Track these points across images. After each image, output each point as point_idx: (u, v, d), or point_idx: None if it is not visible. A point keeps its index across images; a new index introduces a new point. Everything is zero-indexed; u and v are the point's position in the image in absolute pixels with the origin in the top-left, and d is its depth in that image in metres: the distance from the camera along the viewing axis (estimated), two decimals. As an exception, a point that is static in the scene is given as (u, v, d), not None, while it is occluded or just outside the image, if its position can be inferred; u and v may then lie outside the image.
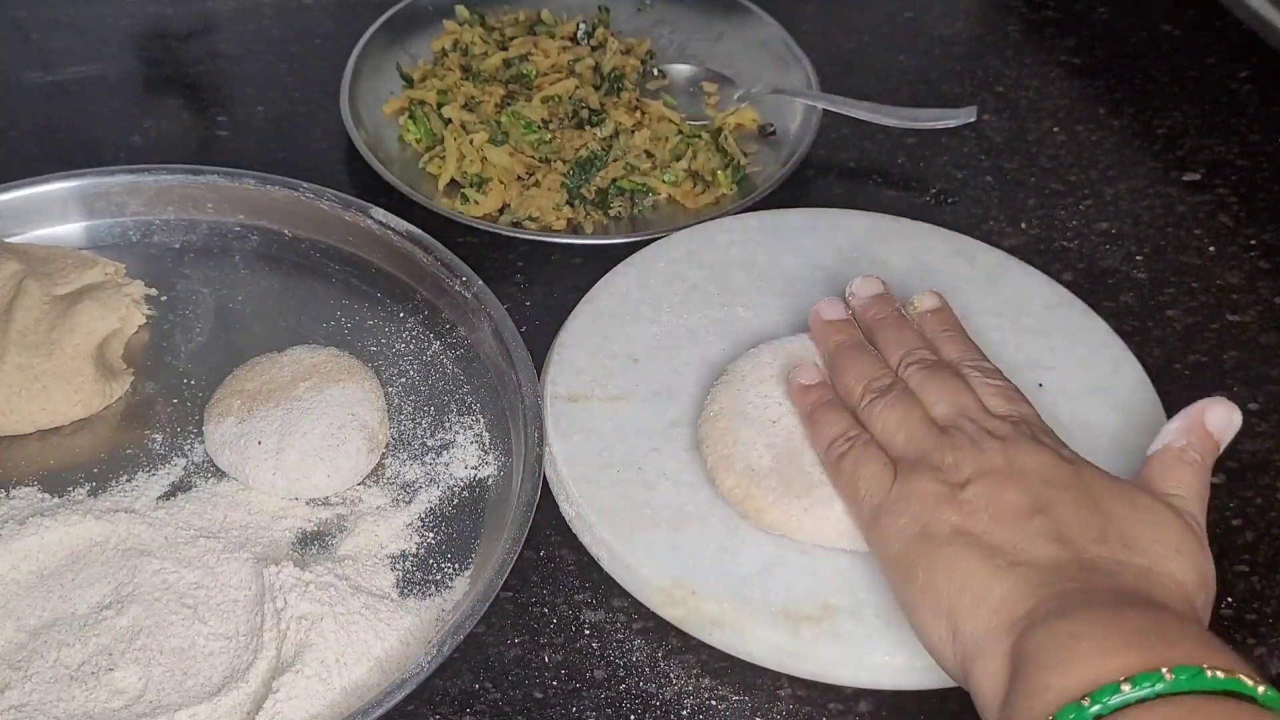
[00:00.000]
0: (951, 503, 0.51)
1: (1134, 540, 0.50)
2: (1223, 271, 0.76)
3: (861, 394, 0.58)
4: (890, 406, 0.56)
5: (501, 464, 0.64)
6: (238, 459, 0.62)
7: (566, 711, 0.55)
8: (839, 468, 0.56)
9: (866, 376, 0.58)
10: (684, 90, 0.85)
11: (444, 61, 0.84)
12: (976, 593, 0.48)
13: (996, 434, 0.54)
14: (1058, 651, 0.44)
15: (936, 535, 0.51)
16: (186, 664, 0.55)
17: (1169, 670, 0.42)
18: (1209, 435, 0.54)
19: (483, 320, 0.68)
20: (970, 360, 0.59)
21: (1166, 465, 0.54)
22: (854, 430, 0.57)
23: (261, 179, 0.74)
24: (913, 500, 0.52)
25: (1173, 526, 0.51)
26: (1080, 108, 0.87)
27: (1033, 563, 0.48)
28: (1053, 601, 0.46)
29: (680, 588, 0.57)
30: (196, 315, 0.71)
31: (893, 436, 0.55)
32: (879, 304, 0.63)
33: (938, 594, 0.49)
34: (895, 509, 0.53)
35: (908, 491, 0.53)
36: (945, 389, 0.57)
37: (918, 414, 0.56)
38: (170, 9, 0.91)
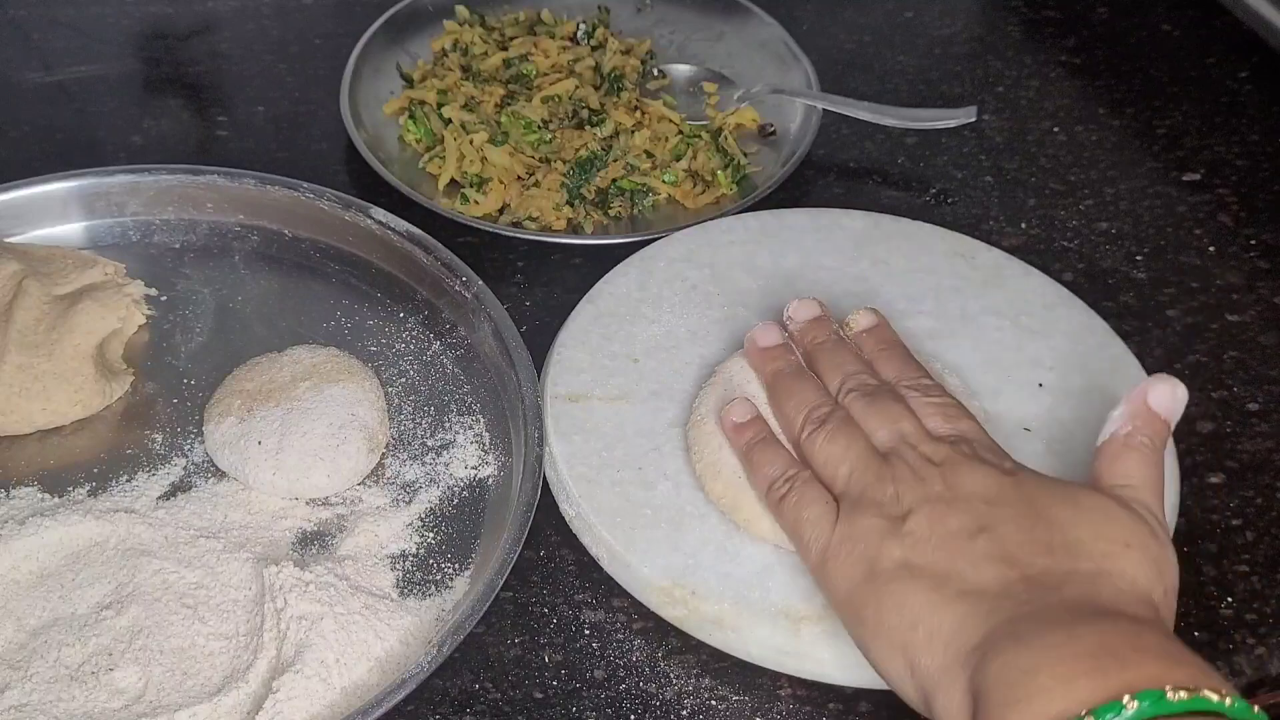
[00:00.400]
0: (895, 536, 0.50)
1: (1079, 545, 0.49)
2: (1223, 271, 0.76)
3: (802, 425, 0.57)
4: (831, 438, 0.56)
5: (501, 464, 0.64)
6: (238, 459, 0.62)
7: (566, 711, 0.55)
8: (780, 510, 0.56)
9: (806, 406, 0.57)
10: (684, 90, 0.85)
11: (444, 61, 0.84)
12: (928, 626, 0.48)
13: (935, 459, 0.53)
14: (1016, 688, 0.43)
15: (883, 572, 0.50)
16: (186, 664, 0.55)
17: (1130, 698, 0.41)
18: (1155, 416, 0.53)
19: (483, 320, 0.68)
20: (909, 379, 0.58)
21: (1113, 455, 0.52)
22: (792, 469, 0.56)
23: (261, 179, 0.74)
24: (857, 540, 0.51)
25: (1119, 521, 0.50)
26: (1080, 108, 0.87)
27: (981, 588, 0.48)
28: (1005, 629, 0.46)
29: (680, 588, 0.57)
30: (196, 315, 0.71)
31: (835, 471, 0.55)
32: (816, 327, 0.62)
33: (890, 632, 0.49)
34: (840, 551, 0.52)
35: (851, 531, 0.52)
36: (885, 415, 0.56)
37: (859, 445, 0.55)
38: (170, 9, 0.91)
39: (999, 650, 0.45)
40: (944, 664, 0.47)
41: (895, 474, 0.53)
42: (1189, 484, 0.64)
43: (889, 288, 0.70)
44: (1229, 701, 0.41)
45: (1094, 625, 0.45)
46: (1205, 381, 0.70)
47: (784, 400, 0.59)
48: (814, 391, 0.58)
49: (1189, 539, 0.62)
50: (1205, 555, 0.62)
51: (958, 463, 0.53)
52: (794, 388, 0.59)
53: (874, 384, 0.58)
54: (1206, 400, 0.69)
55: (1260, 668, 0.58)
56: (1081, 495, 0.51)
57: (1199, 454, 0.66)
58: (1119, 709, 0.40)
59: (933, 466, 0.53)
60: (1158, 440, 0.53)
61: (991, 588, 0.48)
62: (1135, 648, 0.43)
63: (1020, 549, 0.49)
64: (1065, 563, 0.48)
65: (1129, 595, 0.47)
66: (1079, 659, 0.43)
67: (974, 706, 0.45)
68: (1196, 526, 0.63)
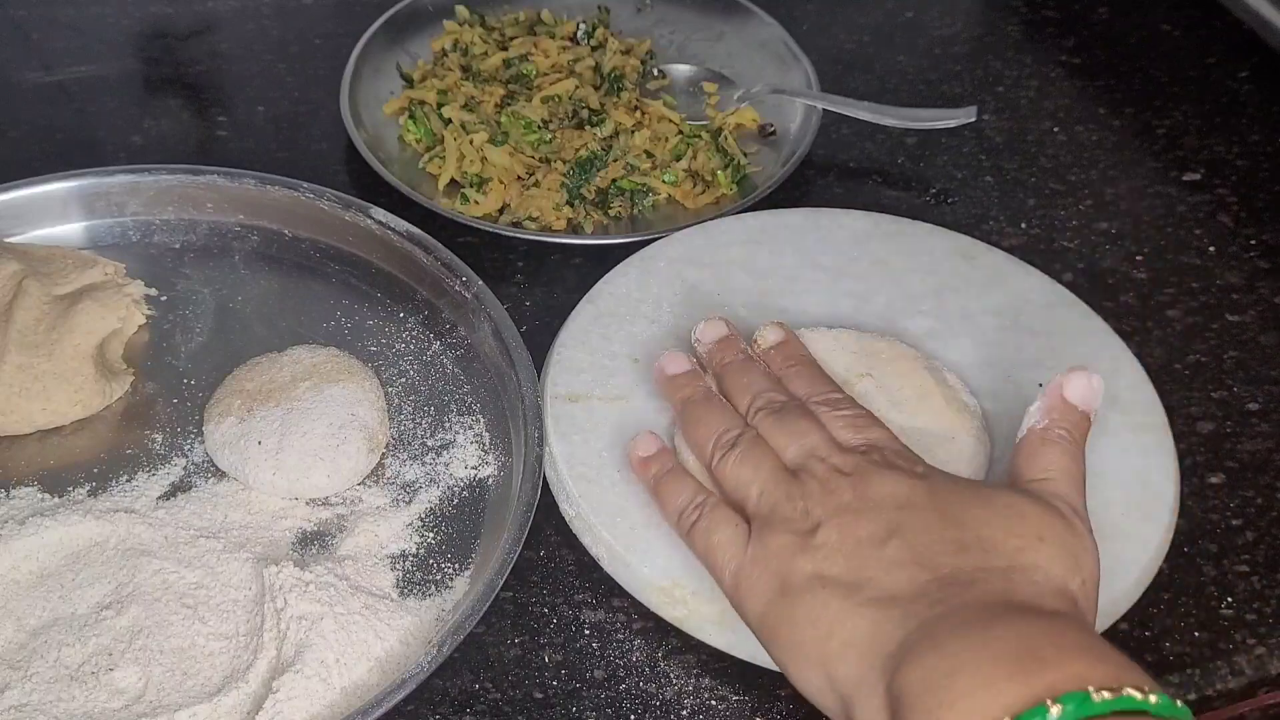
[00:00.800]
0: (805, 551, 0.50)
1: (991, 541, 0.49)
2: (1223, 271, 0.76)
3: (712, 450, 0.57)
4: (741, 461, 0.55)
5: (501, 464, 0.64)
6: (238, 459, 0.62)
7: (566, 711, 0.55)
8: (691, 538, 0.55)
9: (716, 431, 0.57)
10: (684, 90, 0.85)
11: (444, 61, 0.84)
12: (843, 636, 0.47)
13: (844, 470, 0.53)
14: (936, 693, 0.43)
15: (794, 587, 0.50)
16: (186, 664, 0.55)
17: (1053, 702, 0.40)
18: (1072, 408, 0.53)
19: (483, 320, 0.68)
20: (819, 395, 0.58)
21: (1031, 449, 0.52)
22: (700, 496, 0.56)
23: (261, 179, 0.74)
24: (769, 558, 0.51)
25: (1031, 515, 0.49)
26: (1080, 108, 0.87)
27: (894, 593, 0.47)
28: (921, 632, 0.45)
29: (680, 588, 0.57)
30: (196, 315, 0.71)
31: (746, 492, 0.54)
32: (724, 347, 0.61)
33: (805, 645, 0.48)
34: (752, 571, 0.52)
35: (762, 551, 0.52)
36: (794, 431, 0.55)
37: (768, 464, 0.54)
38: (170, 9, 0.91)
39: (916, 655, 0.44)
40: (860, 673, 0.46)
41: (805, 490, 0.53)
42: (1189, 484, 0.64)
43: (889, 288, 0.70)
44: (1153, 699, 0.41)
45: (1012, 624, 0.44)
46: (1205, 381, 0.70)
47: (694, 427, 0.58)
48: (723, 416, 0.58)
49: (1189, 539, 0.62)
50: (1205, 555, 0.62)
51: (867, 471, 0.52)
52: (703, 414, 0.58)
53: (782, 400, 0.57)
54: (1206, 400, 0.69)
55: (1260, 668, 0.58)
56: (994, 494, 0.51)
57: (1199, 454, 0.66)
58: (1043, 713, 0.40)
59: (842, 477, 0.52)
60: (1076, 432, 0.53)
61: (904, 592, 0.47)
62: (1056, 645, 0.43)
63: (931, 550, 0.49)
64: (977, 560, 0.48)
65: (1045, 589, 0.47)
66: (999, 661, 0.42)
67: (893, 715, 0.44)
68: (1196, 526, 0.63)
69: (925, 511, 0.50)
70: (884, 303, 0.69)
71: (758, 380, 0.59)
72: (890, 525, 0.50)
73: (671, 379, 0.61)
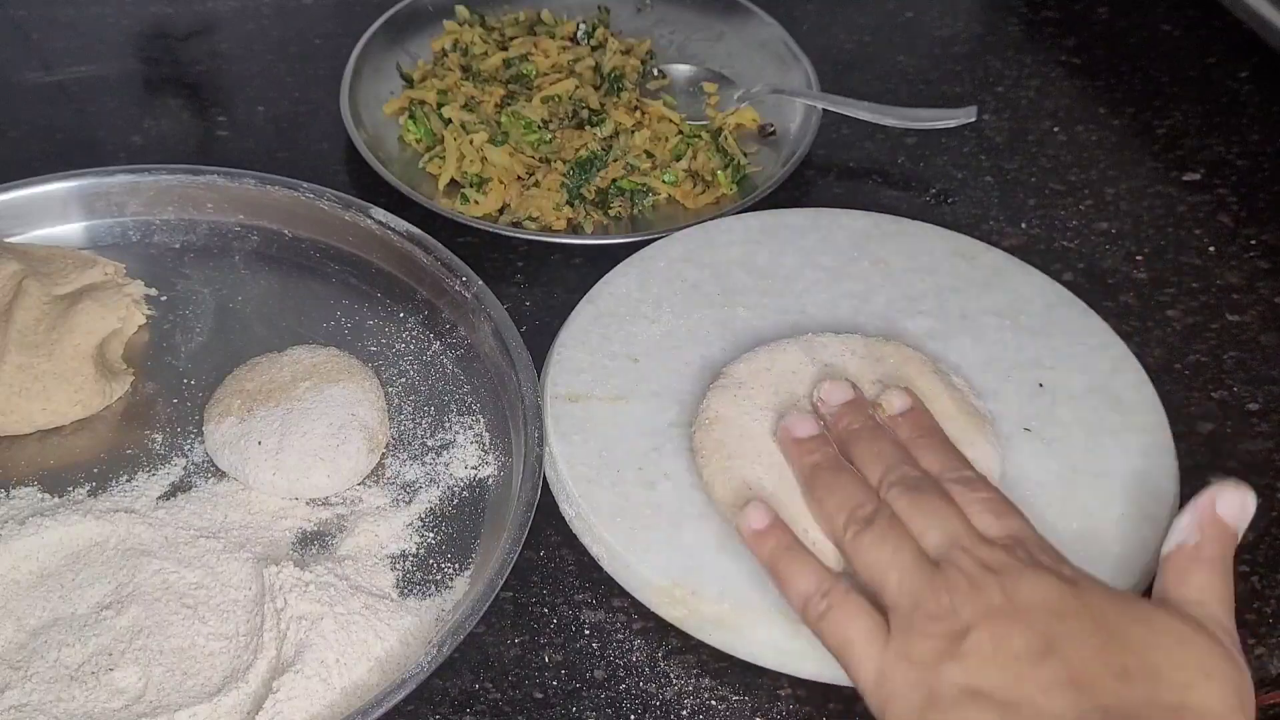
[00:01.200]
0: (954, 658, 0.47)
1: (1157, 671, 0.46)
2: (1223, 271, 0.76)
3: (845, 524, 0.53)
4: (878, 541, 0.52)
5: (501, 464, 0.64)
6: (238, 459, 0.62)
7: (566, 711, 0.55)
8: (823, 629, 0.51)
9: (849, 504, 0.54)
10: (684, 90, 0.85)
11: (444, 61, 0.84)
12: None
13: (992, 566, 0.49)
14: None
15: (944, 698, 0.46)
16: (186, 664, 0.55)
17: None
18: (1224, 526, 0.50)
19: (483, 320, 0.68)
20: (952, 472, 0.55)
21: (1181, 568, 0.49)
22: (827, 582, 0.52)
23: (261, 179, 0.74)
24: (913, 661, 0.48)
25: (1196, 646, 0.47)
26: (1080, 108, 0.87)
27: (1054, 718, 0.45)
28: None
29: (680, 588, 0.57)
30: (196, 315, 0.71)
31: (884, 577, 0.51)
32: (851, 412, 0.58)
33: None
34: (895, 674, 0.48)
35: (906, 651, 0.48)
36: (933, 514, 0.52)
37: (908, 549, 0.51)
38: (170, 9, 0.91)
39: None
40: None
41: (950, 583, 0.49)
42: (1189, 484, 0.64)
43: (889, 288, 0.70)
44: None
45: None
46: (1205, 381, 0.70)
47: (824, 497, 0.55)
48: (855, 487, 0.55)
49: (1189, 539, 0.62)
50: (1205, 555, 0.62)
51: (1016, 570, 0.49)
52: (834, 484, 0.55)
53: (916, 476, 0.54)
54: (1206, 400, 0.69)
55: (1260, 668, 0.58)
56: (1154, 614, 0.48)
57: (1199, 454, 0.66)
58: None
59: (990, 574, 0.49)
60: (1227, 551, 0.50)
61: (1065, 717, 0.45)
62: None
63: (1092, 673, 0.46)
64: (1144, 692, 0.45)
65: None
66: None
67: None
68: (1196, 526, 0.63)
69: (1081, 624, 0.47)
70: (884, 303, 0.69)
71: (889, 451, 0.56)
72: (1047, 638, 0.47)
73: (798, 442, 0.58)
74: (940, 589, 0.49)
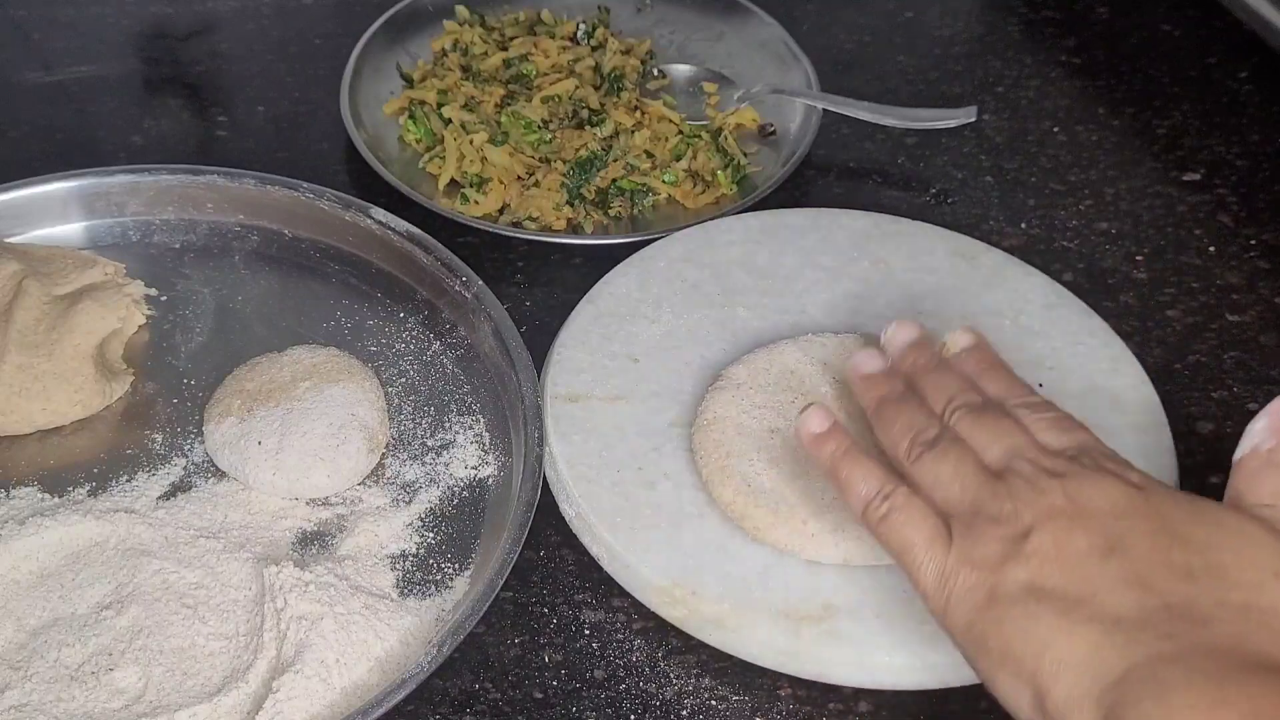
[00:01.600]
0: (1017, 558, 0.47)
1: (1224, 570, 0.45)
2: (1223, 271, 0.76)
3: (909, 448, 0.53)
4: (940, 458, 0.51)
5: (501, 464, 0.64)
6: (238, 459, 0.62)
7: (566, 711, 0.55)
8: (883, 531, 0.51)
9: (912, 429, 0.53)
10: (684, 90, 0.85)
11: (444, 61, 0.84)
12: (1058, 654, 0.44)
13: (1055, 471, 0.49)
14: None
15: (1006, 596, 0.46)
16: (186, 664, 0.55)
17: None
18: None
19: (483, 320, 0.68)
20: (1018, 397, 0.55)
21: (1255, 472, 0.48)
22: (889, 485, 0.52)
23: (261, 179, 0.74)
24: (975, 562, 0.48)
25: (1266, 547, 0.46)
26: (1080, 108, 0.87)
27: (1118, 616, 0.44)
28: (1146, 669, 0.42)
29: (680, 588, 0.57)
30: (196, 315, 0.71)
31: (946, 491, 0.51)
32: (917, 351, 0.58)
33: (1017, 660, 0.45)
34: (958, 575, 0.48)
35: (968, 553, 0.48)
36: (996, 431, 0.52)
37: (970, 462, 0.51)
38: (170, 9, 0.91)
39: (1138, 698, 0.42)
40: (1075, 697, 0.43)
41: (1011, 489, 0.49)
42: (1189, 484, 0.64)
43: (889, 288, 0.70)
44: None
45: (1245, 686, 0.41)
46: (1205, 381, 0.70)
47: (889, 425, 0.55)
48: (920, 414, 0.54)
49: (1189, 539, 0.62)
50: (1205, 555, 0.62)
51: (1079, 475, 0.49)
52: (899, 412, 0.55)
53: (980, 401, 0.54)
54: (1206, 400, 0.69)
55: (1260, 668, 0.58)
56: (1222, 514, 0.47)
57: (1199, 454, 0.66)
58: None
59: (1052, 478, 0.49)
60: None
61: (1129, 615, 0.44)
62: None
63: (1158, 572, 0.45)
64: (1211, 591, 0.44)
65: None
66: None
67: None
68: (1196, 526, 0.63)
69: (1147, 525, 0.47)
70: (884, 303, 0.69)
71: (953, 381, 0.56)
72: (1110, 538, 0.46)
73: (866, 378, 0.57)
74: (1002, 495, 0.49)
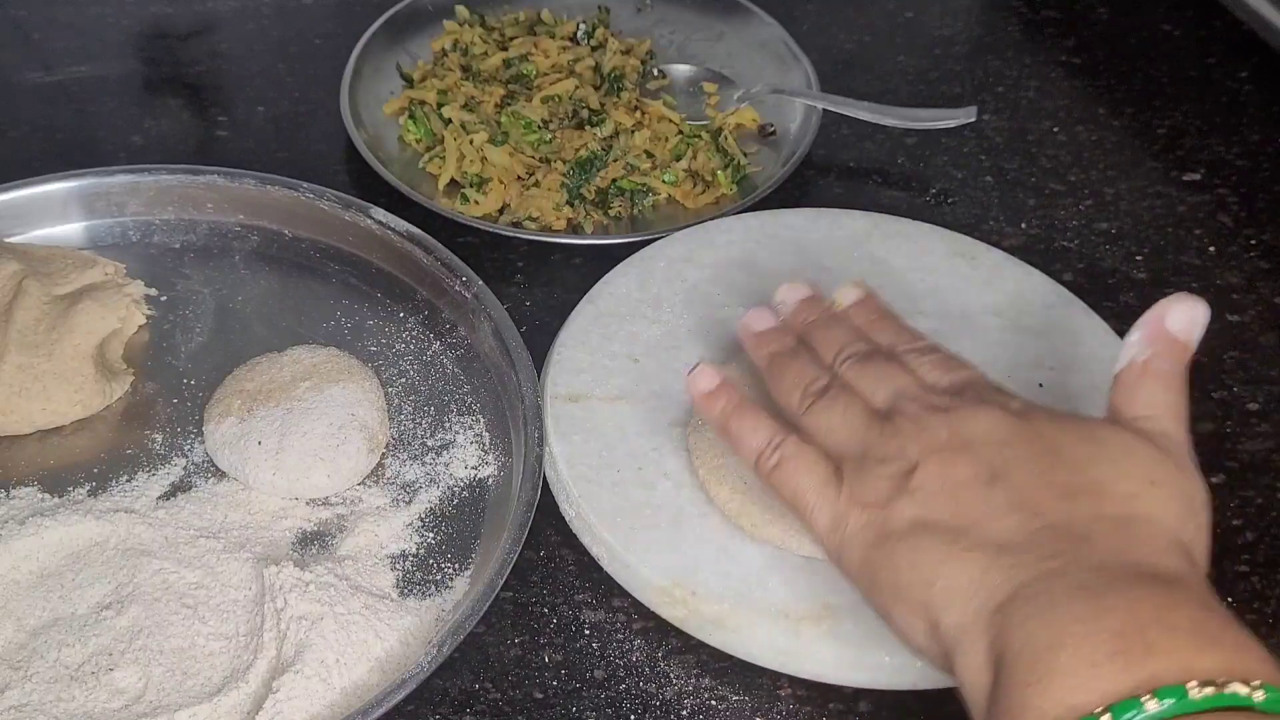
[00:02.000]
0: (903, 493, 0.48)
1: (1102, 485, 0.46)
2: (1223, 271, 0.76)
3: (800, 399, 0.54)
4: (829, 405, 0.53)
5: (501, 464, 0.64)
6: (238, 459, 0.62)
7: (566, 711, 0.55)
8: (775, 480, 0.53)
9: (802, 381, 0.55)
10: (684, 90, 0.85)
11: (444, 61, 0.84)
12: (947, 582, 0.45)
13: (940, 407, 0.50)
14: (1037, 665, 0.41)
15: (895, 532, 0.48)
16: (186, 664, 0.55)
17: (1150, 696, 0.38)
18: (1174, 339, 0.50)
19: (483, 320, 0.68)
20: (905, 343, 0.56)
21: (1131, 383, 0.50)
22: (778, 435, 0.53)
23: (261, 179, 0.74)
24: (865, 503, 0.49)
25: (1140, 456, 0.47)
26: (1080, 108, 0.87)
27: (1002, 541, 0.45)
28: (1031, 590, 0.43)
29: (680, 588, 0.57)
30: (196, 315, 0.71)
31: (836, 435, 0.52)
32: (808, 306, 0.59)
33: (908, 593, 0.47)
34: (848, 517, 0.50)
35: (858, 494, 0.50)
36: (882, 375, 0.53)
37: (858, 408, 0.52)
38: (170, 9, 0.91)
39: (1023, 617, 0.43)
40: (964, 622, 0.45)
41: (897, 429, 0.50)
42: (1189, 484, 0.64)
43: (889, 288, 0.70)
44: (1258, 696, 0.39)
45: (1124, 593, 0.42)
46: (1205, 381, 0.70)
47: (779, 379, 0.56)
48: (809, 366, 0.56)
49: (1189, 539, 0.62)
50: (1205, 555, 0.62)
51: (962, 408, 0.50)
52: (789, 365, 0.56)
53: (868, 349, 0.56)
54: (1206, 400, 0.69)
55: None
56: (1098, 429, 0.49)
57: (1199, 454, 0.65)
58: (1137, 707, 0.39)
59: (937, 414, 0.50)
60: (1178, 365, 0.50)
61: (1014, 539, 0.45)
62: (1166, 626, 0.41)
63: (1039, 494, 0.46)
64: (1090, 507, 0.46)
65: (1160, 543, 0.45)
66: (1104, 640, 0.41)
67: (994, 677, 0.43)
68: (1196, 526, 0.63)
69: (1028, 449, 0.48)
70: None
71: (843, 333, 0.57)
72: (993, 466, 0.47)
73: (758, 335, 0.59)
74: (889, 435, 0.50)
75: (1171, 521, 0.46)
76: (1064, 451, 0.48)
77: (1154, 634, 0.41)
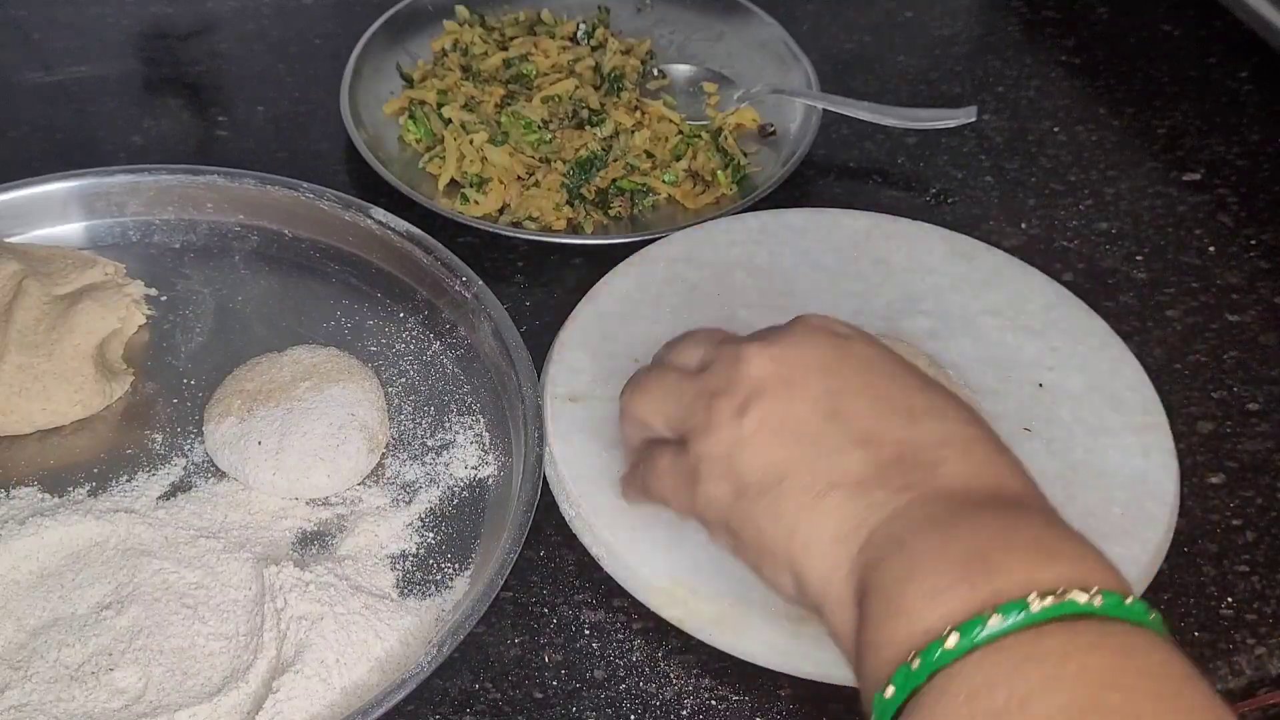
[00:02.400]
0: (742, 443, 0.47)
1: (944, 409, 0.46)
2: (1223, 271, 0.76)
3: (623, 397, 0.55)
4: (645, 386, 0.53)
5: (501, 464, 0.64)
6: (238, 459, 0.62)
7: (566, 711, 0.55)
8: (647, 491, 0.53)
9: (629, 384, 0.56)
10: (684, 90, 0.85)
11: (444, 61, 0.84)
12: (806, 532, 0.45)
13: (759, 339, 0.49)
14: (890, 600, 0.41)
15: (747, 485, 0.47)
16: (186, 664, 0.55)
17: (993, 611, 0.39)
18: None
19: (483, 320, 0.68)
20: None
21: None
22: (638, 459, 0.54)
23: (261, 179, 0.74)
24: (709, 463, 0.48)
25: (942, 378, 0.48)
26: (1080, 108, 0.87)
27: (852, 480, 0.45)
28: (886, 528, 0.44)
29: (680, 588, 0.57)
30: (196, 315, 0.71)
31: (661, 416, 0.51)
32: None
33: (771, 547, 0.46)
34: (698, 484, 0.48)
35: (699, 458, 0.48)
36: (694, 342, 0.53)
37: (670, 376, 0.51)
38: (170, 9, 0.91)
39: (881, 555, 0.43)
40: (828, 572, 0.44)
41: (713, 373, 0.49)
42: (1189, 484, 0.64)
43: (889, 288, 0.70)
44: (1097, 601, 0.39)
45: (971, 520, 0.43)
46: (1205, 381, 0.70)
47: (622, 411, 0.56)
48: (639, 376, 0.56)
49: (1189, 539, 0.62)
50: (1205, 555, 0.62)
51: (778, 337, 0.49)
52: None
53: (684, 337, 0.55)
54: (1206, 400, 0.69)
55: (1260, 668, 0.58)
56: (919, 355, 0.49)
57: (1199, 454, 0.66)
58: (981, 623, 0.39)
59: (753, 346, 0.48)
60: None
61: (864, 475, 0.45)
62: (1008, 545, 0.41)
63: (882, 422, 0.46)
64: (935, 431, 0.46)
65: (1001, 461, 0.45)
66: (948, 568, 0.41)
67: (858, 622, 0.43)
68: (1196, 526, 0.63)
69: (859, 376, 0.47)
70: (884, 303, 0.69)
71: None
72: (828, 399, 0.47)
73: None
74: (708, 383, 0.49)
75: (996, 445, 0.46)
76: (900, 373, 0.48)
77: (997, 555, 0.41)
